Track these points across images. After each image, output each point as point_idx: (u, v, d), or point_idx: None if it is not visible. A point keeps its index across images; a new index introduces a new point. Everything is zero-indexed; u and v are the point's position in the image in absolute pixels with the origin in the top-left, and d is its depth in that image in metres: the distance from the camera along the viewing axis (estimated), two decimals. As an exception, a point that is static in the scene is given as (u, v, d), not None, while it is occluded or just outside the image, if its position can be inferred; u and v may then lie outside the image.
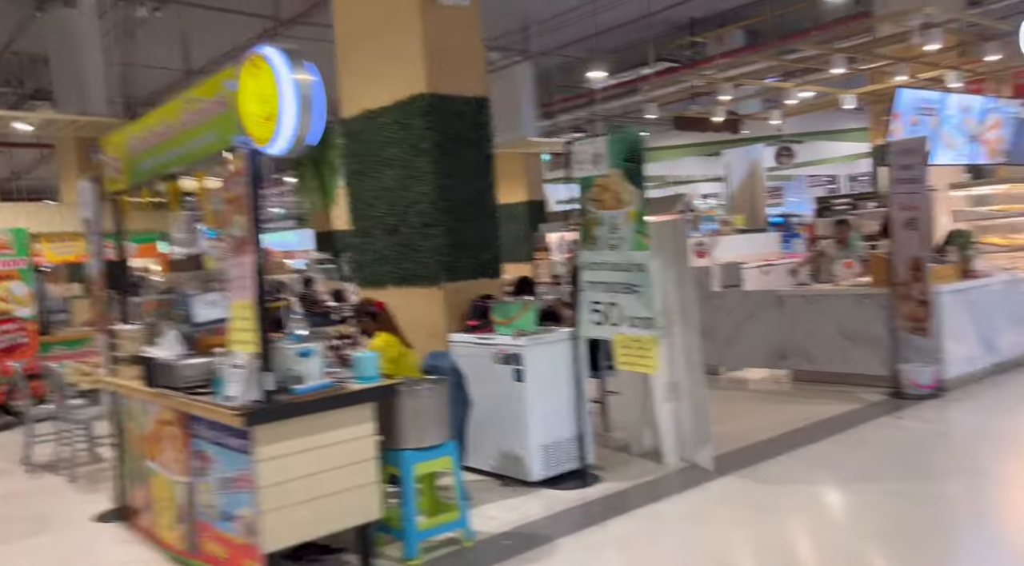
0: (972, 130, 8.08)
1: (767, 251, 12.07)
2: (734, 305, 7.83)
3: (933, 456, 4.87)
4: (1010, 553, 3.46)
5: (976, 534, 3.72)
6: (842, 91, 9.77)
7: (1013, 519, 3.80)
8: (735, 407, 6.61)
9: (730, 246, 11.34)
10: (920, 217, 6.12)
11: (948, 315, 6.48)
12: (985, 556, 3.47)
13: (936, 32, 6.96)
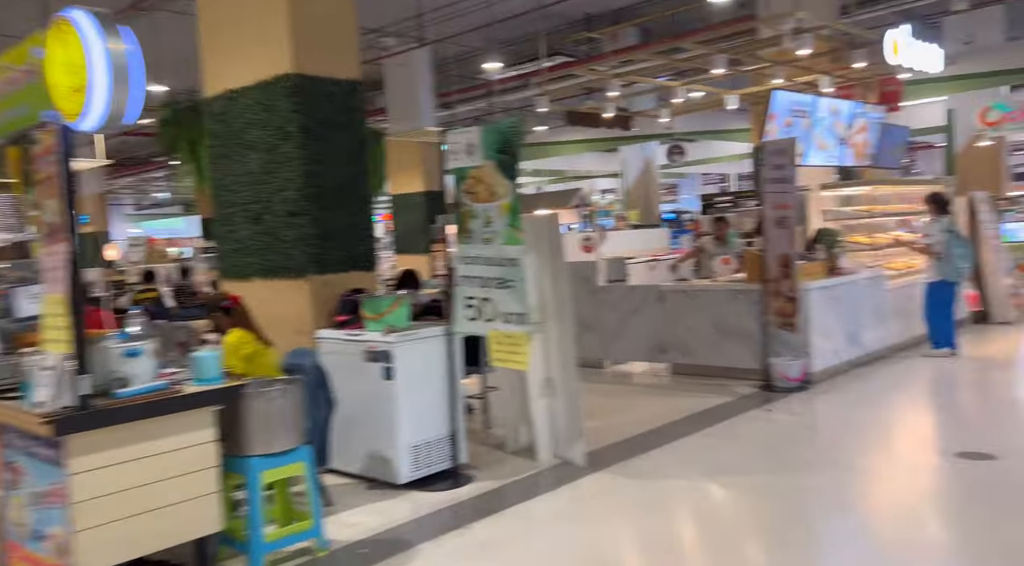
0: (841, 133, 8.48)
1: (656, 246, 12.37)
2: (619, 300, 7.91)
3: (799, 448, 5.02)
4: (873, 543, 3.57)
5: (841, 525, 3.83)
6: (726, 91, 10.07)
7: (876, 509, 3.94)
8: (616, 401, 6.66)
9: (620, 241, 11.53)
10: (790, 216, 6.33)
11: (815, 311, 6.76)
12: (849, 546, 3.57)
13: (807, 37, 7.25)
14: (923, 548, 3.48)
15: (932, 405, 6.08)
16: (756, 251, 6.85)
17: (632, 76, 9.53)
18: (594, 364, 8.15)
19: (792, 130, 7.73)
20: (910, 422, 5.62)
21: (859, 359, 7.32)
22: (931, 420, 5.63)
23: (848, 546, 3.57)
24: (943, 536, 3.63)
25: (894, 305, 7.94)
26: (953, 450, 4.66)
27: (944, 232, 7.66)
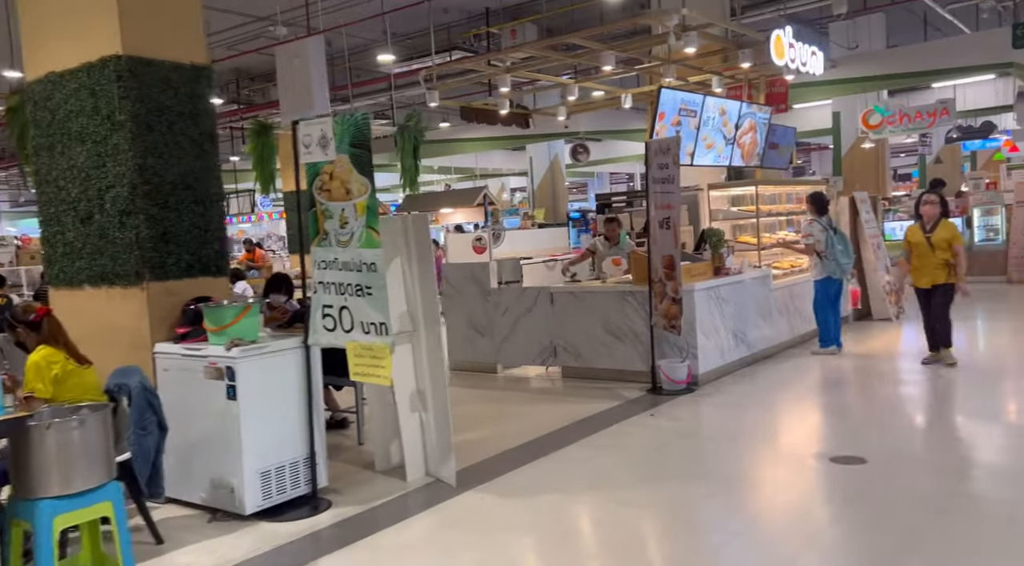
0: (729, 133, 8.52)
1: (556, 246, 12.20)
2: (511, 302, 7.66)
3: (677, 456, 4.88)
4: (746, 554, 3.42)
5: (711, 538, 3.67)
6: (622, 90, 10.00)
7: (750, 519, 3.80)
8: (503, 408, 6.40)
9: (521, 241, 11.29)
10: (673, 216, 6.22)
11: (701, 311, 6.70)
12: (722, 558, 3.40)
13: (693, 35, 7.21)
14: (794, 559, 3.35)
15: (811, 406, 6.11)
16: (642, 252, 6.73)
17: (525, 73, 9.30)
18: (486, 369, 7.89)
19: (681, 129, 7.68)
20: (788, 425, 5.60)
21: (746, 359, 7.34)
22: (809, 422, 5.62)
23: (721, 558, 3.40)
24: (815, 544, 3.53)
25: (780, 304, 8.03)
26: (828, 453, 4.62)
27: (824, 231, 7.84)
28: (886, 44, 16.07)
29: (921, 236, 6.81)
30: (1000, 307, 10.41)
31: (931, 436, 5.01)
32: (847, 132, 16.40)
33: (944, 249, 6.66)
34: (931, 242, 6.69)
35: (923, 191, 6.80)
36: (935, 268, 6.69)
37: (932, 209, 6.80)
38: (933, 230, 6.74)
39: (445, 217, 16.53)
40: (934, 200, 6.86)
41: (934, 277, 6.73)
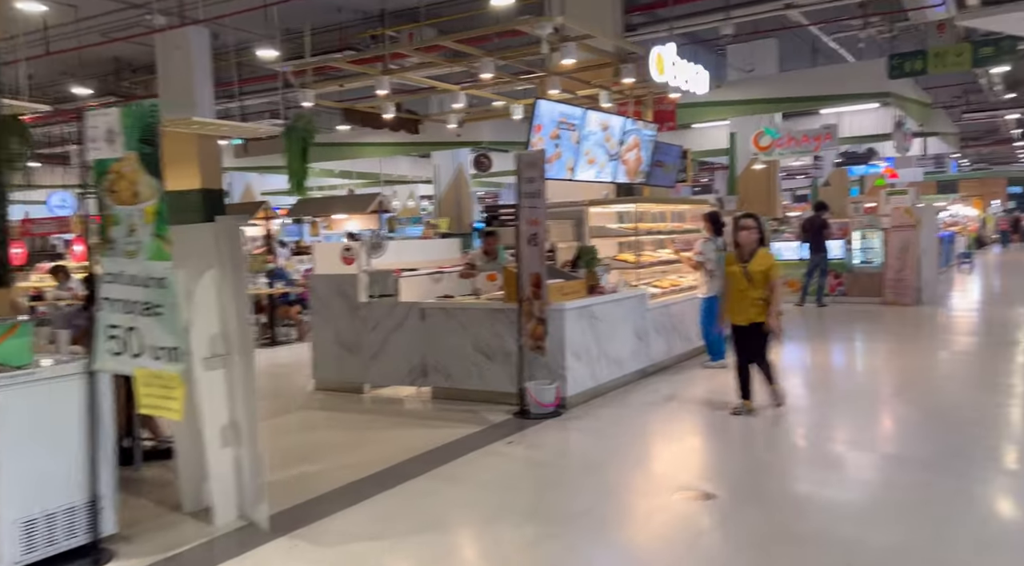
0: (613, 149, 8.36)
1: (448, 257, 11.79)
2: (381, 317, 7.21)
3: (522, 491, 4.54)
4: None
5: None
6: (513, 100, 9.75)
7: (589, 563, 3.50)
8: (356, 435, 5.93)
9: (408, 250, 10.82)
10: (540, 232, 5.95)
11: (572, 331, 6.45)
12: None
13: (571, 47, 7.01)
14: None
15: (676, 433, 5.92)
16: (513, 268, 6.43)
17: (411, 76, 8.89)
18: (352, 389, 7.40)
19: (561, 143, 7.45)
20: (648, 453, 5.37)
21: (619, 380, 7.15)
22: (669, 451, 5.42)
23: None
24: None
25: (658, 324, 7.90)
26: (680, 487, 4.41)
27: (717, 251, 7.84)
28: (779, 69, 16.58)
29: (737, 265, 5.92)
30: (875, 328, 10.71)
31: (786, 468, 4.88)
32: (743, 152, 16.79)
33: (761, 282, 5.79)
34: (747, 273, 5.81)
35: (741, 214, 6.05)
36: (752, 303, 5.82)
37: (749, 236, 5.89)
38: (750, 259, 5.85)
39: (339, 223, 15.93)
40: (751, 225, 5.91)
41: (751, 313, 5.84)
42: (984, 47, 10.18)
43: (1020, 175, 44.04)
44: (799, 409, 6.40)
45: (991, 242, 32.61)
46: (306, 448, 5.62)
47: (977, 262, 22.81)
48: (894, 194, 14.88)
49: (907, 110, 14.53)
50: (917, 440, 5.29)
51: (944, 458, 4.79)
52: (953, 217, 28.70)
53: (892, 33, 13.15)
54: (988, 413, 5.84)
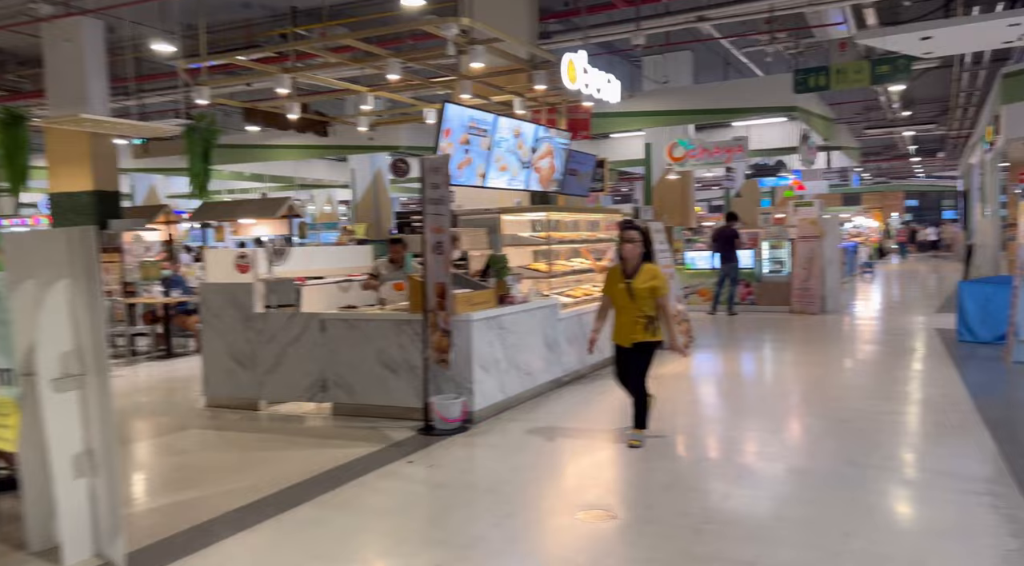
0: (525, 156, 8.21)
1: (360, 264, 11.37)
2: (277, 329, 6.79)
3: (416, 518, 4.25)
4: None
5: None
6: (426, 104, 9.49)
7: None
8: (246, 456, 5.51)
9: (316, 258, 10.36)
10: (446, 240, 5.70)
11: (480, 343, 6.22)
12: None
13: (479, 50, 6.82)
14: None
15: (582, 447, 5.77)
16: (418, 277, 6.15)
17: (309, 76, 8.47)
18: (247, 405, 6.94)
19: (471, 149, 7.23)
20: (553, 470, 5.18)
21: (530, 392, 6.97)
22: (575, 467, 5.23)
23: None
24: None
25: (570, 333, 7.77)
26: (583, 506, 4.24)
27: None
28: (693, 81, 16.92)
29: (621, 282, 5.33)
30: (782, 337, 10.95)
31: (690, 483, 4.79)
32: (658, 163, 17.05)
33: (646, 300, 5.24)
34: (631, 291, 5.25)
35: (624, 220, 5.52)
36: (634, 323, 5.26)
37: (633, 249, 5.29)
38: (635, 275, 5.28)
39: (246, 228, 15.20)
40: (635, 238, 5.29)
41: (635, 333, 5.28)
42: (881, 65, 10.62)
43: (917, 188, 46.83)
44: (706, 421, 6.37)
45: (891, 252, 34.43)
46: (188, 472, 5.18)
47: (879, 271, 23.98)
48: (801, 205, 15.37)
49: (812, 124, 15.07)
50: (818, 452, 5.30)
51: (843, 469, 4.80)
52: (857, 228, 30.14)
53: (798, 49, 13.59)
54: (885, 422, 5.95)
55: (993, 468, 4.72)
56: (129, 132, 13.54)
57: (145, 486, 5.06)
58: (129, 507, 4.35)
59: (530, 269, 7.83)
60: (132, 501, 4.54)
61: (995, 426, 5.67)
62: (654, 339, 5.33)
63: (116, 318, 10.75)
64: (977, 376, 7.55)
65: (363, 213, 21.26)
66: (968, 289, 9.54)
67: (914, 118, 23.98)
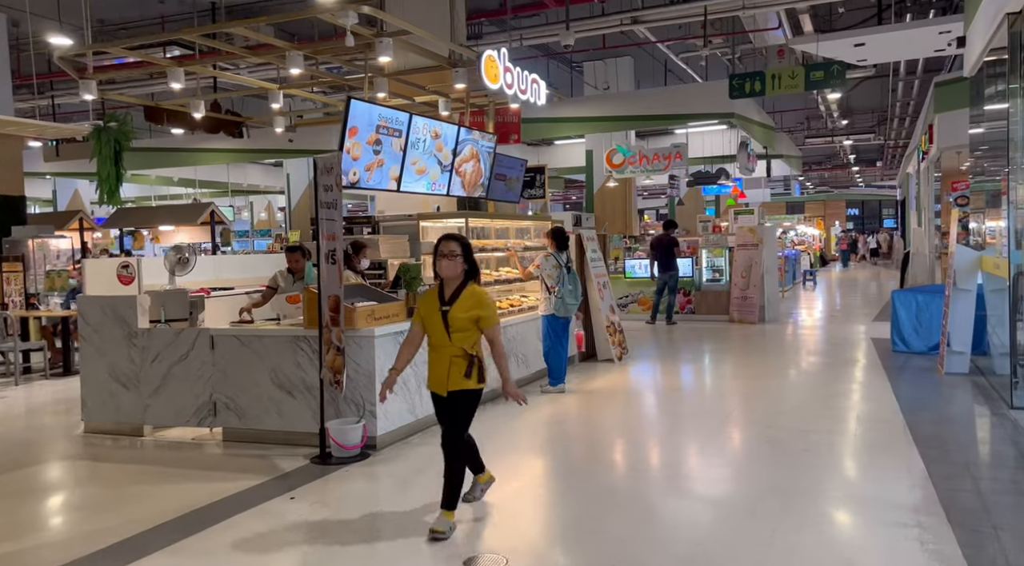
0: (446, 159, 7.73)
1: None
2: (162, 347, 6.16)
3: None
4: None
5: None
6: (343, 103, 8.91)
7: None
8: (111, 493, 4.88)
9: (226, 266, 9.69)
10: (339, 248, 5.18)
11: (385, 360, 5.69)
12: None
13: (387, 43, 6.33)
14: None
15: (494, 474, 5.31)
16: (314, 289, 5.61)
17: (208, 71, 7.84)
18: (131, 431, 6.28)
19: (382, 149, 6.72)
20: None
21: (445, 413, 6.47)
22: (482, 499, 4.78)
23: None
24: None
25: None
26: (472, 551, 3.76)
27: (558, 267, 7.46)
28: (634, 87, 16.72)
29: (435, 306, 3.97)
30: (719, 347, 10.68)
31: (603, 519, 4.35)
32: (599, 170, 16.77)
33: (467, 333, 3.94)
34: (448, 320, 3.91)
35: (444, 235, 4.09)
36: (452, 363, 3.94)
37: (452, 267, 3.92)
38: (454, 300, 3.93)
39: (166, 236, 14.37)
40: (454, 251, 3.92)
41: (452, 376, 3.95)
42: (815, 71, 10.51)
43: (858, 198, 47.95)
44: (625, 444, 5.96)
45: (832, 260, 34.99)
46: (42, 513, 4.54)
47: (820, 279, 24.18)
48: (741, 214, 15.25)
49: (751, 132, 14.97)
50: (740, 478, 4.93)
51: (764, 500, 4.43)
52: (800, 236, 30.51)
53: (737, 55, 13.45)
54: (814, 442, 5.63)
55: (922, 494, 4.40)
56: (35, 133, 12.63)
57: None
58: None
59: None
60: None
61: (925, 445, 5.40)
62: (474, 387, 3.99)
63: (7, 333, 9.89)
64: (910, 390, 7.34)
65: (299, 219, 20.50)
66: (901, 298, 9.40)
67: (853, 128, 24.33)
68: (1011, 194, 6.45)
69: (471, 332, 3.97)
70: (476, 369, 3.98)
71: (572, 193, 37.12)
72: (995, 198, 8.27)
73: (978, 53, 7.57)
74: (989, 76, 8.15)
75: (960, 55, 12.35)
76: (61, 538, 4.07)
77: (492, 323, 4.01)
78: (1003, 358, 7.23)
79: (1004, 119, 6.54)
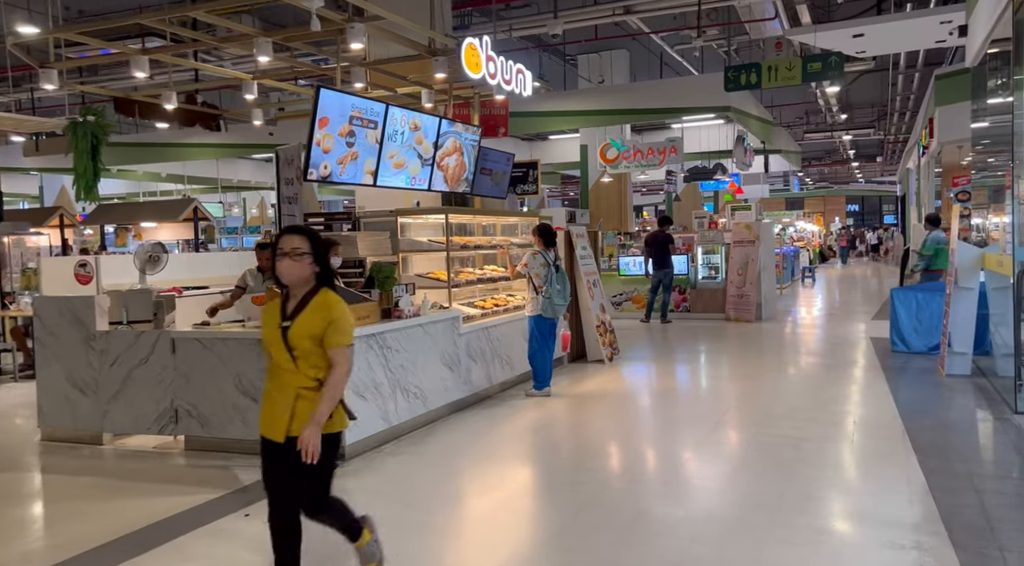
0: (426, 153, 7.41)
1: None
2: (122, 350, 5.85)
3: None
4: None
5: None
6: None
7: None
8: (60, 508, 4.59)
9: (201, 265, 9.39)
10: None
11: (356, 364, 5.38)
12: None
13: (360, 29, 6.01)
14: None
15: (463, 488, 5.01)
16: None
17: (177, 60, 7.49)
18: (90, 439, 5.97)
19: (356, 142, 6.40)
20: (425, 525, 4.38)
21: (421, 419, 6.17)
22: (443, 518, 4.47)
23: None
24: None
25: (475, 349, 7.01)
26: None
27: (546, 266, 7.13)
28: (630, 80, 16.38)
29: (275, 322, 3.03)
30: (715, 347, 10.37)
31: (584, 538, 4.05)
32: (593, 166, 16.45)
33: (313, 356, 2.96)
34: (288, 341, 2.96)
35: (286, 227, 3.26)
36: (298, 395, 2.95)
37: (297, 269, 3.01)
38: (298, 313, 3.00)
39: (149, 233, 14.05)
40: (297, 248, 3.01)
41: (295, 416, 2.94)
42: (813, 62, 10.18)
43: (858, 193, 47.61)
44: (613, 452, 5.65)
45: (831, 256, 34.66)
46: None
47: (819, 276, 23.86)
48: (739, 209, 14.94)
49: (748, 126, 14.64)
50: (728, 491, 4.63)
51: (750, 516, 4.12)
52: (799, 233, 30.17)
53: (733, 47, 13.11)
54: (808, 450, 5.32)
55: (921, 510, 4.10)
56: (12, 127, 12.32)
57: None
58: None
59: (430, 278, 7.03)
60: None
61: (925, 453, 5.09)
62: (333, 430, 3.00)
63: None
64: (909, 393, 7.03)
65: (290, 216, 20.17)
66: (900, 297, 9.09)
67: (852, 122, 23.99)
68: (1016, 189, 6.13)
69: (317, 353, 2.96)
70: (337, 404, 2.99)
71: (571, 189, 36.80)
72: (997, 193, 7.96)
73: (980, 42, 7.25)
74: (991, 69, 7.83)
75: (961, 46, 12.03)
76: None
77: (339, 342, 2.95)
78: (1006, 359, 6.92)
79: (1007, 113, 6.23)
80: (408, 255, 7.31)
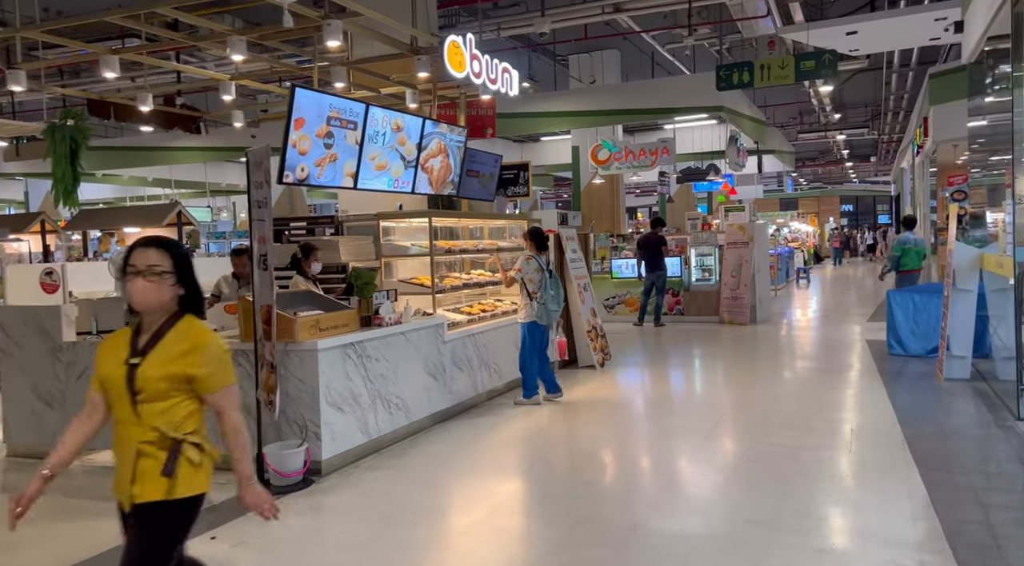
0: (410, 154, 7.19)
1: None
2: (89, 361, 5.55)
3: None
4: None
5: None
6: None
7: None
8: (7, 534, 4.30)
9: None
10: (270, 253, 4.64)
11: (332, 375, 5.17)
12: None
13: (336, 25, 5.80)
14: None
15: (448, 503, 4.78)
16: (248, 298, 5.07)
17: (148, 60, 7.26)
18: (58, 453, 5.72)
19: (335, 143, 6.17)
20: (406, 542, 4.16)
21: (403, 431, 5.95)
22: (428, 533, 4.25)
23: None
24: None
25: (460, 357, 6.79)
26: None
27: (540, 271, 6.92)
28: (621, 81, 16.19)
29: (120, 357, 2.39)
30: (708, 351, 10.16)
31: (572, 555, 3.83)
32: (585, 167, 16.24)
33: (167, 400, 2.34)
34: (134, 382, 2.32)
35: (141, 240, 2.45)
36: (140, 452, 2.34)
37: (153, 292, 2.33)
38: (152, 347, 2.35)
39: (132, 238, 13.76)
40: (156, 267, 2.33)
41: (136, 478, 2.33)
42: (806, 60, 9.99)
43: (852, 193, 47.52)
44: (605, 464, 5.43)
45: (826, 256, 34.52)
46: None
47: (814, 277, 23.70)
48: (732, 210, 14.75)
49: (741, 126, 14.45)
50: (718, 505, 4.41)
51: (742, 532, 3.91)
52: (793, 233, 30.02)
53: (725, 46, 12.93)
54: (804, 462, 5.11)
55: (924, 527, 3.89)
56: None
57: None
58: None
59: (413, 283, 6.80)
60: None
61: (927, 464, 4.89)
62: (179, 496, 2.34)
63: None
64: (908, 398, 6.83)
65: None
66: (897, 298, 8.90)
67: (846, 122, 23.86)
68: (1015, 188, 5.94)
69: (178, 401, 2.34)
70: (185, 464, 2.33)
71: (564, 191, 36.59)
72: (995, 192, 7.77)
73: (977, 38, 7.07)
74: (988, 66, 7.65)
75: (956, 44, 11.86)
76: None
77: (223, 382, 2.41)
78: (1006, 362, 6.73)
79: (1005, 110, 6.04)
80: (391, 260, 7.09)
